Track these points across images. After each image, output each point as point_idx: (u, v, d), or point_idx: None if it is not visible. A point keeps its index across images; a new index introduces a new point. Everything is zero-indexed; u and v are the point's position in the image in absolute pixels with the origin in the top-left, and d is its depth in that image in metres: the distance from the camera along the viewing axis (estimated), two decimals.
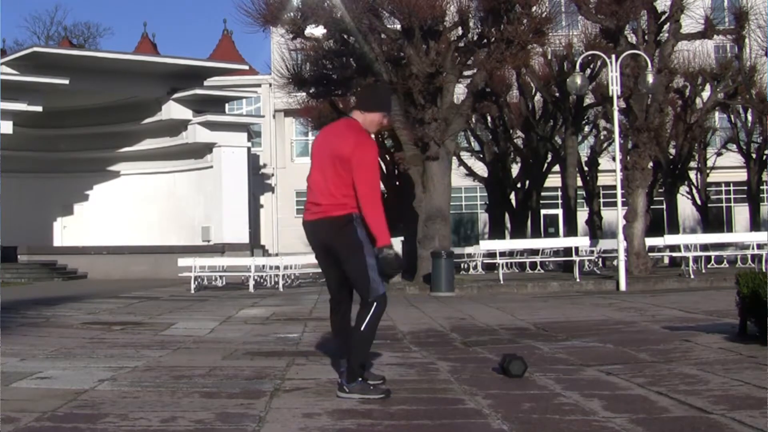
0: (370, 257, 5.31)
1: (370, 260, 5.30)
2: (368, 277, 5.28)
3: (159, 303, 16.34)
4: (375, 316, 5.27)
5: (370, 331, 5.29)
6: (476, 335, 9.28)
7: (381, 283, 5.33)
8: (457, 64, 20.18)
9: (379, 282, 5.31)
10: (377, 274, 5.31)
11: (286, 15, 20.16)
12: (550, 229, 39.18)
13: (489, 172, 32.21)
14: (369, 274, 5.28)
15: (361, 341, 5.30)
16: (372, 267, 5.30)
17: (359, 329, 5.27)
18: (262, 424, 4.56)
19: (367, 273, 5.28)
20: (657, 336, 8.44)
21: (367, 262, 5.29)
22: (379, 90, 6.09)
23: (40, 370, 6.57)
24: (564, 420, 4.61)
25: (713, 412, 4.68)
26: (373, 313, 5.26)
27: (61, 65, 30.63)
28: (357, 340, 5.31)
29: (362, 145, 5.32)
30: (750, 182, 32.87)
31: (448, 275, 18.02)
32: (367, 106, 5.54)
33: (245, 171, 34.53)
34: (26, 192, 34.41)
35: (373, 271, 5.29)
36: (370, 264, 5.30)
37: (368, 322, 5.25)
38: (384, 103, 5.63)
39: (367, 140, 5.41)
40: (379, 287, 5.29)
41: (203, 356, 7.66)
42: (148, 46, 47.68)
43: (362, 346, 5.32)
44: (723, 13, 32.06)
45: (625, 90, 20.22)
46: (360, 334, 5.28)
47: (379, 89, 6.19)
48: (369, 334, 5.29)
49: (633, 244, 20.48)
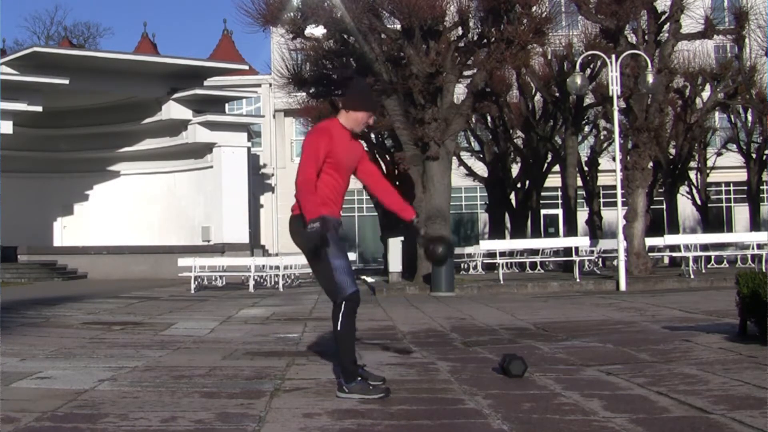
0: (335, 258, 5.31)
1: (334, 261, 5.30)
2: (334, 279, 5.30)
3: (159, 303, 16.34)
4: (346, 316, 5.31)
5: (347, 330, 5.34)
6: (476, 335, 9.27)
7: (350, 283, 5.33)
8: (457, 64, 20.17)
9: (346, 282, 5.31)
10: (344, 275, 5.30)
11: (286, 15, 20.15)
12: (550, 229, 39.20)
13: (489, 172, 32.22)
14: (334, 276, 5.30)
15: (341, 341, 5.36)
16: (337, 268, 5.30)
17: (335, 329, 5.36)
18: (262, 424, 4.56)
19: (332, 274, 5.30)
20: (657, 336, 8.44)
21: (331, 264, 5.30)
22: (362, 88, 6.05)
23: (40, 370, 6.57)
24: (564, 420, 4.61)
25: (713, 412, 4.68)
26: (344, 314, 5.31)
27: (61, 65, 30.63)
28: (338, 341, 5.40)
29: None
30: (750, 182, 32.87)
31: (448, 275, 18.01)
32: (350, 104, 5.53)
33: (245, 171, 34.54)
34: (26, 192, 34.41)
35: (339, 273, 5.30)
36: (336, 265, 5.30)
37: (342, 322, 5.31)
38: (366, 101, 5.59)
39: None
40: (346, 288, 5.30)
41: (203, 356, 7.66)
42: (148, 46, 47.69)
43: (344, 345, 5.36)
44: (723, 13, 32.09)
45: (625, 90, 20.22)
46: (338, 335, 5.36)
47: (362, 87, 6.16)
48: (346, 332, 5.34)
49: (633, 244, 20.49)
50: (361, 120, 5.53)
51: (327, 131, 5.43)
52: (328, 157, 5.33)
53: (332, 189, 5.40)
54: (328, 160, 5.33)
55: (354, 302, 5.36)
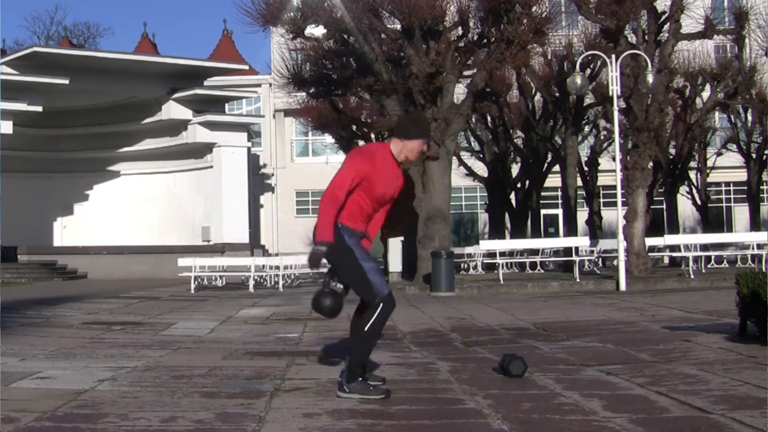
0: (365, 261, 5.28)
1: (365, 264, 5.27)
2: (367, 280, 5.26)
3: (159, 303, 16.34)
4: (380, 318, 5.25)
5: (374, 333, 5.29)
6: (476, 335, 9.27)
7: (384, 284, 5.31)
8: (457, 64, 20.18)
9: (381, 283, 5.29)
10: (376, 275, 5.29)
11: (286, 15, 20.16)
12: (550, 229, 39.18)
13: (489, 172, 32.21)
14: (368, 277, 5.26)
15: (363, 341, 5.31)
16: (370, 270, 5.28)
17: (363, 329, 5.27)
18: (262, 424, 4.56)
19: (365, 276, 5.26)
20: (657, 336, 8.44)
21: (362, 266, 5.26)
22: (418, 117, 6.03)
23: (40, 370, 6.57)
24: (564, 420, 4.61)
25: (713, 412, 4.68)
26: (378, 315, 5.24)
27: (61, 65, 30.63)
28: (359, 340, 5.32)
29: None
30: (750, 182, 32.87)
31: (448, 275, 18.01)
32: (406, 134, 5.41)
33: (245, 171, 34.53)
34: (26, 192, 34.40)
35: (372, 274, 5.27)
36: (367, 267, 5.27)
37: (372, 323, 5.24)
38: (423, 130, 5.49)
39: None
40: (382, 288, 5.27)
41: (203, 356, 7.66)
42: (148, 46, 47.67)
43: (364, 347, 5.32)
44: (723, 13, 32.08)
45: (625, 90, 20.21)
46: (363, 334, 5.28)
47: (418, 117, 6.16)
48: (372, 335, 5.29)
49: (633, 244, 20.48)
50: (416, 149, 5.41)
51: (372, 156, 5.36)
52: (364, 181, 5.24)
53: (360, 209, 5.32)
54: (363, 184, 5.25)
55: (391, 305, 5.30)
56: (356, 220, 5.32)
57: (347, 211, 5.27)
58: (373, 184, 5.27)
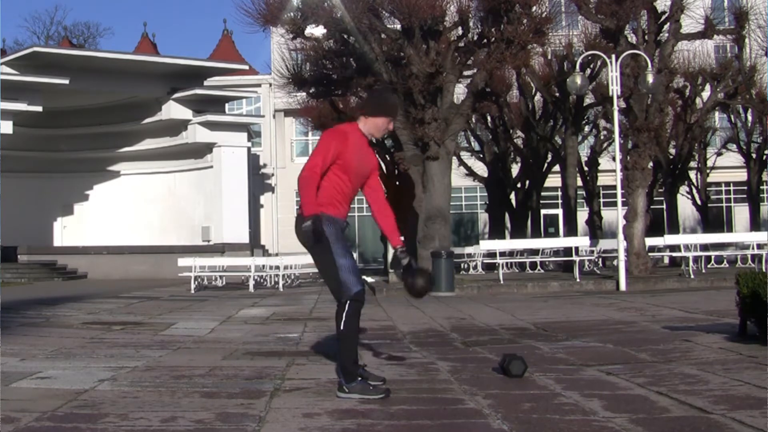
0: (341, 258, 5.31)
1: (340, 260, 5.31)
2: (339, 277, 5.30)
3: (159, 303, 16.34)
4: (351, 316, 5.31)
5: (349, 330, 5.33)
6: (476, 335, 9.27)
7: (356, 283, 5.32)
8: (457, 64, 20.17)
9: (353, 282, 5.30)
10: (350, 274, 5.30)
11: (286, 15, 20.15)
12: (550, 229, 39.19)
13: (489, 172, 32.21)
14: (339, 275, 5.30)
15: (343, 341, 5.36)
16: (342, 267, 5.30)
17: (339, 329, 5.34)
18: (262, 424, 4.56)
19: (337, 273, 5.30)
20: (657, 336, 8.44)
21: (337, 263, 5.30)
22: (385, 94, 6.04)
23: (40, 370, 6.57)
24: (564, 420, 4.61)
25: (713, 412, 4.68)
26: (348, 313, 5.30)
27: (61, 65, 30.63)
28: (340, 340, 5.39)
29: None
30: (750, 182, 32.87)
31: (448, 275, 18.01)
32: (370, 110, 5.52)
33: (245, 171, 34.53)
34: (26, 192, 34.42)
35: (344, 272, 5.29)
36: (341, 264, 5.30)
37: (345, 322, 5.30)
38: (388, 107, 5.57)
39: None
40: (351, 287, 5.29)
41: (203, 356, 7.66)
42: (148, 46, 47.68)
43: (346, 345, 5.36)
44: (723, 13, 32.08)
45: (625, 90, 20.22)
46: (341, 334, 5.35)
47: (385, 93, 6.15)
48: (348, 332, 5.33)
49: (633, 244, 20.49)
50: (381, 126, 5.51)
51: (344, 134, 5.45)
52: (338, 158, 5.32)
53: (339, 190, 5.38)
54: (338, 162, 5.33)
55: (359, 302, 5.35)
56: (336, 204, 5.37)
57: (326, 197, 5.33)
58: (348, 161, 5.35)
